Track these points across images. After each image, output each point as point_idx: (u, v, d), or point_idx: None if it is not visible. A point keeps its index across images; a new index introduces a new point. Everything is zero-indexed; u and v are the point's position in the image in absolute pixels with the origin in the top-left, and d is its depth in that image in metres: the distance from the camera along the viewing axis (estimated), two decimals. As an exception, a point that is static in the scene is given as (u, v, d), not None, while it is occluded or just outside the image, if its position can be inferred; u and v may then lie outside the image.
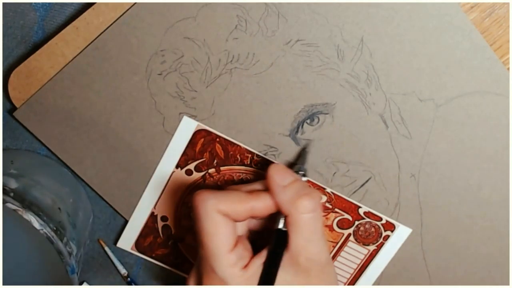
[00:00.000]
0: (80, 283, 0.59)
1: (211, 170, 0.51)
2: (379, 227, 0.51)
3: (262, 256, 0.42)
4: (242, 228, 0.44)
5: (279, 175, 0.42)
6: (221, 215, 0.40)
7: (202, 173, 0.51)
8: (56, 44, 0.46)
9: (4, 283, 0.49)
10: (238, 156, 0.49)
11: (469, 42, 0.42)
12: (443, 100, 0.44)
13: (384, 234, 0.51)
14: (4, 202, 0.45)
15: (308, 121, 0.46)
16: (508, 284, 0.50)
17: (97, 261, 0.58)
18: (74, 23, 0.46)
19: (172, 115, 0.48)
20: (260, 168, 0.50)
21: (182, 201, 0.52)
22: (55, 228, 0.47)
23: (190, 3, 0.43)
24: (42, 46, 0.47)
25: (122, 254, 0.58)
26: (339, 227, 0.51)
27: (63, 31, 0.46)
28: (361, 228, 0.51)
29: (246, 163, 0.50)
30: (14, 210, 0.45)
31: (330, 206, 0.50)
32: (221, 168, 0.50)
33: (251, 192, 0.42)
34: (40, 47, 0.47)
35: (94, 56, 0.46)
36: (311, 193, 0.41)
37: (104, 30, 0.45)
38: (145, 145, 0.49)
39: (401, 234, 0.50)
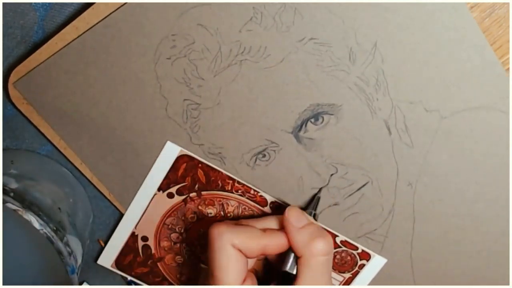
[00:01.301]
0: (80, 283, 0.59)
1: (193, 194, 0.52)
2: (355, 256, 0.51)
3: None
4: (251, 262, 0.45)
5: (294, 217, 0.43)
6: (235, 249, 0.41)
7: (184, 197, 0.52)
8: (56, 43, 0.46)
9: (4, 283, 0.49)
10: (219, 182, 0.50)
11: (481, 57, 0.42)
12: (449, 112, 0.44)
13: (359, 263, 0.52)
14: (4, 202, 0.45)
15: (313, 120, 0.46)
16: (508, 284, 0.50)
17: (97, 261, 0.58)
18: (73, 23, 0.45)
19: (176, 101, 0.47)
20: (240, 195, 0.51)
21: (163, 223, 0.53)
22: (55, 228, 0.47)
23: (206, -10, 0.43)
24: (42, 46, 0.46)
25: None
26: None
27: (62, 31, 0.46)
28: (337, 256, 0.52)
29: (227, 189, 0.51)
30: (14, 210, 0.45)
31: None
32: (203, 192, 0.51)
33: (265, 230, 0.44)
34: (40, 47, 0.47)
35: (104, 33, 0.45)
36: (326, 236, 0.42)
37: (117, 9, 0.44)
38: (145, 128, 0.49)
39: (376, 263, 0.51)
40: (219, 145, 0.48)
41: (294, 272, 0.43)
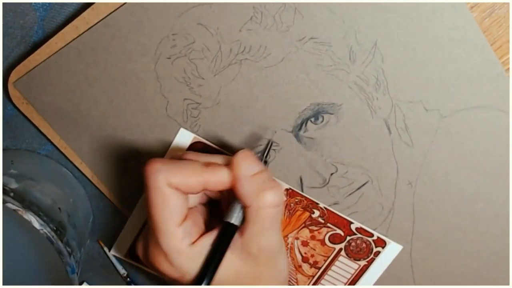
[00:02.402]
0: (80, 283, 0.59)
1: None
2: (370, 243, 0.51)
3: (212, 236, 0.40)
4: (194, 199, 0.43)
5: (246, 163, 0.40)
6: (172, 188, 0.38)
7: None
8: (55, 43, 0.46)
9: (4, 283, 0.49)
10: None
11: (481, 56, 0.42)
12: (449, 111, 0.44)
13: (375, 250, 0.51)
14: (4, 202, 0.45)
15: (313, 119, 0.46)
16: (508, 284, 0.50)
17: (97, 261, 0.58)
18: (73, 22, 0.45)
19: (177, 100, 0.47)
20: None
21: None
22: (55, 228, 0.47)
23: (207, -10, 0.43)
24: (42, 46, 0.46)
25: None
26: (330, 242, 0.52)
27: (62, 31, 0.46)
28: (353, 244, 0.51)
29: None
30: (14, 210, 0.45)
31: (323, 221, 0.51)
32: None
33: (208, 164, 0.40)
34: (40, 47, 0.47)
35: (104, 33, 0.45)
36: (276, 187, 0.40)
37: (117, 8, 0.44)
38: (145, 127, 0.49)
39: (391, 250, 0.51)
40: (219, 145, 0.48)
41: (238, 224, 0.41)
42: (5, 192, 0.46)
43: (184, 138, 0.49)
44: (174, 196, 0.39)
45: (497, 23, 0.42)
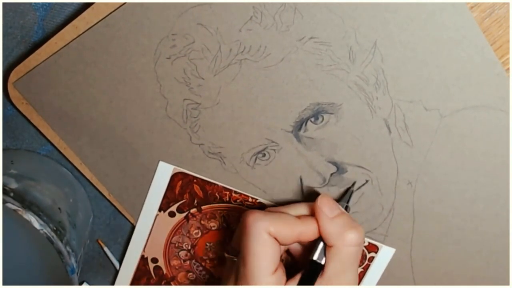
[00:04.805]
0: (80, 283, 0.60)
1: (193, 210, 0.52)
2: (363, 249, 0.51)
3: (296, 279, 0.42)
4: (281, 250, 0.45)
5: (327, 206, 0.43)
6: (271, 237, 0.41)
7: (185, 214, 0.52)
8: (55, 43, 0.46)
9: (4, 283, 0.49)
10: (216, 194, 0.51)
11: (481, 56, 0.42)
12: (448, 111, 0.44)
13: (368, 255, 0.51)
14: (4, 202, 0.45)
15: (313, 119, 0.46)
16: (508, 284, 0.50)
17: (97, 261, 0.58)
18: (73, 22, 0.45)
19: (176, 101, 0.47)
20: (240, 204, 0.51)
21: (169, 242, 0.54)
22: (55, 228, 0.47)
23: (206, -10, 0.43)
24: (42, 46, 0.46)
25: (121, 254, 0.57)
26: None
27: (62, 31, 0.46)
28: None
29: (225, 200, 0.51)
30: (14, 210, 0.45)
31: None
32: (202, 207, 0.52)
33: (298, 217, 0.43)
34: (40, 47, 0.47)
35: (104, 33, 0.45)
36: (357, 227, 0.42)
37: (117, 8, 0.44)
38: (145, 128, 0.49)
39: (385, 254, 0.51)
40: (219, 145, 0.48)
41: (322, 262, 0.42)
42: (5, 192, 0.46)
43: (164, 170, 0.50)
44: (273, 244, 0.41)
45: (497, 23, 0.42)
